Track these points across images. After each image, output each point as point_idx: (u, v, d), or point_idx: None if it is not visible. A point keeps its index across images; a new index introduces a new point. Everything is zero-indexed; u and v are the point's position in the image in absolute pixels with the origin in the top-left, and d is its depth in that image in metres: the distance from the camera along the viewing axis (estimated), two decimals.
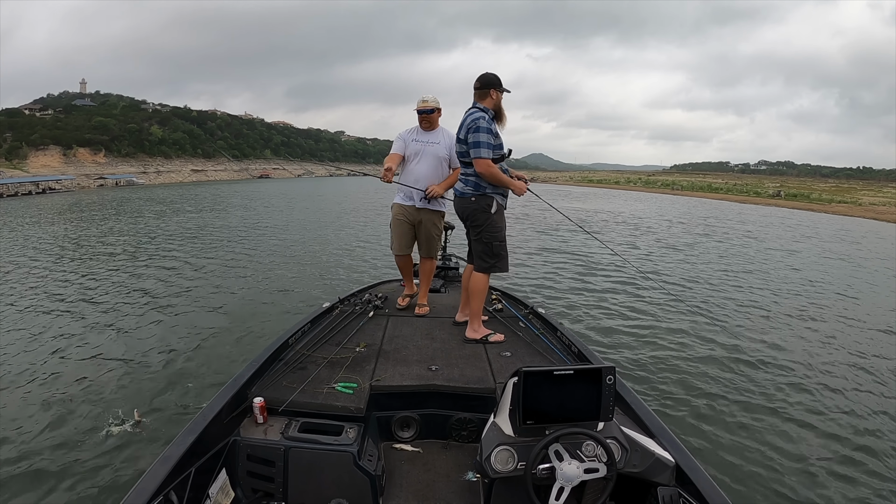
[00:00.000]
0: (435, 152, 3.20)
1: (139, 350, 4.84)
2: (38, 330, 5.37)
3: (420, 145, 3.21)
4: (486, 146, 2.67)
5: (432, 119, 3.20)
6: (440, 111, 3.22)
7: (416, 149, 3.22)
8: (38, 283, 7.73)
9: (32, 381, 4.13)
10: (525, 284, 7.79)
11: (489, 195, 2.82)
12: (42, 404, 3.71)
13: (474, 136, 2.67)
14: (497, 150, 2.73)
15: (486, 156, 2.67)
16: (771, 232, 18.35)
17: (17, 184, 41.74)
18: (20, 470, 2.93)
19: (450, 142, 3.13)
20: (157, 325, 5.67)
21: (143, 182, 62.73)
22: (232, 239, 12.93)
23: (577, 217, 20.34)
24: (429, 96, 3.18)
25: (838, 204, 40.54)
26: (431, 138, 3.22)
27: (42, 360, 4.57)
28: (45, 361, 4.55)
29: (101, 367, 4.42)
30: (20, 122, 67.87)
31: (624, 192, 52.49)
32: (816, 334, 5.89)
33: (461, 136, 2.78)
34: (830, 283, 9.10)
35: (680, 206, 30.39)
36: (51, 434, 3.32)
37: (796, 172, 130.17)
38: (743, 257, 11.76)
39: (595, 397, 1.67)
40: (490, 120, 2.72)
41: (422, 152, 3.21)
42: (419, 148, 3.21)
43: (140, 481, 1.55)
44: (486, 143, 2.67)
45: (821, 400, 4.08)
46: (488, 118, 2.71)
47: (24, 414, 3.59)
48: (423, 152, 3.20)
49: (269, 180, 76.85)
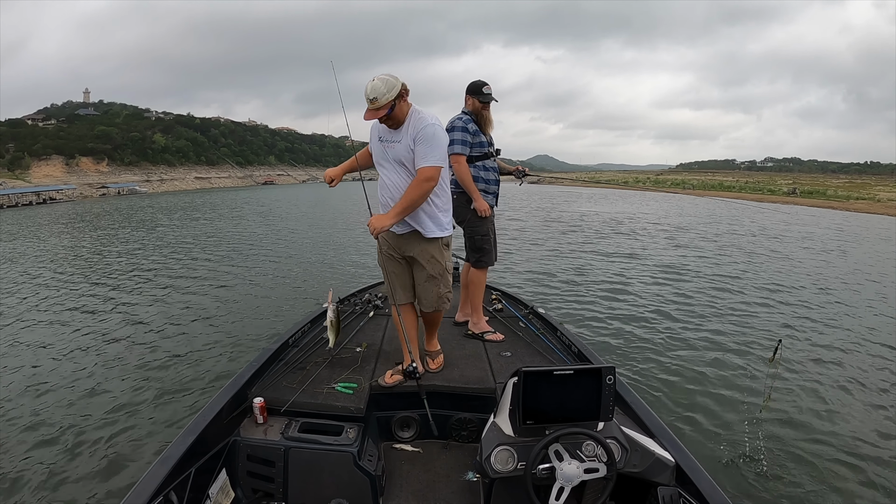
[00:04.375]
0: (396, 155, 2.24)
1: (139, 349, 4.86)
2: (35, 337, 5.37)
3: (382, 147, 2.30)
4: (458, 143, 2.88)
5: (392, 119, 2.16)
6: (397, 102, 2.10)
7: (379, 152, 2.34)
8: (32, 291, 7.74)
9: (33, 380, 4.16)
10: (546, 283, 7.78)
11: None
12: (42, 404, 3.73)
13: (450, 135, 2.85)
14: (476, 147, 2.96)
15: (458, 151, 2.89)
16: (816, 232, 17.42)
17: (17, 194, 41.42)
18: (20, 470, 2.94)
19: (413, 136, 2.15)
20: (158, 325, 5.70)
21: (147, 190, 63.11)
22: (235, 242, 12.98)
23: (605, 220, 20.23)
24: (372, 87, 2.07)
25: (856, 201, 39.13)
26: (395, 136, 2.24)
27: (42, 360, 4.61)
28: (46, 361, 4.58)
29: (102, 367, 4.44)
30: (23, 133, 68.40)
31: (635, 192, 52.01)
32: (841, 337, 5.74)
33: None
34: None
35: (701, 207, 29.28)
36: (51, 434, 3.33)
37: (803, 168, 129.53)
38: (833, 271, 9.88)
39: (595, 397, 1.66)
40: (468, 120, 2.92)
41: (385, 157, 2.30)
42: (381, 151, 2.32)
43: (140, 481, 1.55)
44: (459, 140, 2.88)
45: (822, 400, 4.05)
46: (466, 119, 2.92)
47: (25, 414, 3.60)
48: (386, 157, 2.29)
49: (274, 186, 77.14)
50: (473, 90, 2.95)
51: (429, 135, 2.13)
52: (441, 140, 2.18)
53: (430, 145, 2.13)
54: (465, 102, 2.99)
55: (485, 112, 2.98)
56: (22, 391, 4.01)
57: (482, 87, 2.94)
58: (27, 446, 3.19)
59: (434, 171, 2.15)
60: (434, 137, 2.14)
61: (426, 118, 2.17)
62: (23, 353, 4.90)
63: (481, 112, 2.97)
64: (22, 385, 4.11)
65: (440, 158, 2.17)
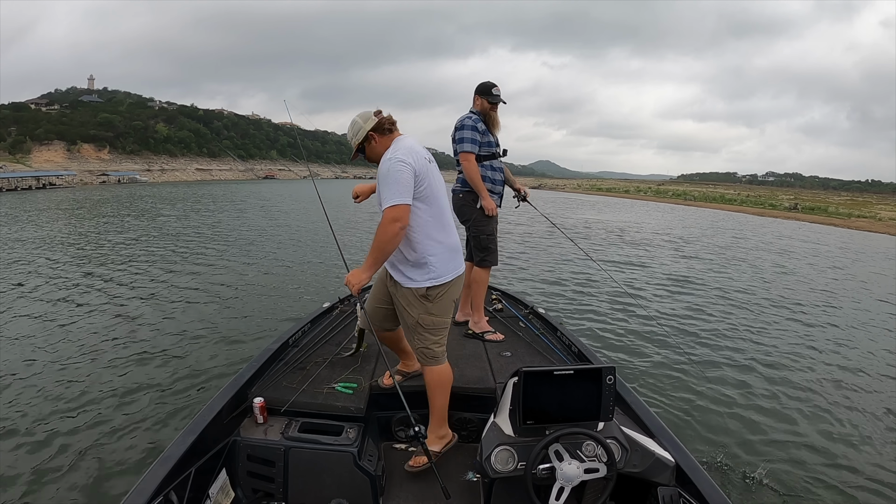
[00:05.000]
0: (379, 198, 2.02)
1: (139, 350, 4.81)
2: (30, 331, 5.30)
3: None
4: (468, 141, 2.92)
5: (370, 160, 2.06)
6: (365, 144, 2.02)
7: None
8: (27, 280, 7.66)
9: (27, 378, 4.12)
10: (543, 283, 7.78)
11: (475, 191, 2.99)
12: (41, 405, 3.68)
13: (459, 134, 2.96)
14: (484, 147, 2.98)
15: (467, 149, 2.92)
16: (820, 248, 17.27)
17: (17, 178, 40.83)
18: (19, 470, 2.91)
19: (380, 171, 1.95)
20: (157, 323, 5.66)
21: (147, 180, 62.96)
22: (233, 238, 12.98)
23: (612, 228, 20.26)
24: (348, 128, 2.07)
25: (857, 218, 38.84)
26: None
27: (38, 357, 4.56)
28: (41, 357, 4.54)
29: (101, 367, 4.40)
30: (25, 117, 68.21)
31: (637, 201, 51.69)
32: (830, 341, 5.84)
33: (453, 135, 3.03)
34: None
35: (704, 218, 29.21)
36: (50, 434, 3.29)
37: (804, 184, 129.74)
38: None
39: (595, 397, 1.66)
40: (477, 120, 2.96)
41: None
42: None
43: (140, 481, 1.55)
44: (469, 139, 2.92)
45: (824, 400, 4.08)
46: (475, 118, 2.96)
47: (22, 413, 3.56)
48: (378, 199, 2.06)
49: (275, 181, 77.09)
50: (483, 91, 2.98)
51: (383, 172, 1.91)
52: (397, 176, 1.86)
53: (385, 184, 1.89)
54: (474, 102, 3.02)
55: (493, 113, 3.02)
56: (17, 389, 3.95)
57: (491, 89, 2.97)
58: (25, 446, 3.15)
59: (395, 210, 1.85)
60: (387, 174, 1.88)
61: (388, 152, 1.95)
62: (16, 348, 4.83)
63: (489, 113, 3.00)
64: (17, 383, 4.05)
65: (400, 194, 1.86)
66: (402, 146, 1.96)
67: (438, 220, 2.02)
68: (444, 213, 2.06)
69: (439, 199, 2.03)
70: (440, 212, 2.03)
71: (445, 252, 2.05)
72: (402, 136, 2.04)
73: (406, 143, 1.99)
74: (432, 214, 2.00)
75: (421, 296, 2.04)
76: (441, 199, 2.04)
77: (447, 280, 2.05)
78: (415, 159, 1.91)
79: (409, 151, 1.93)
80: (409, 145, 1.97)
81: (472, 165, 2.92)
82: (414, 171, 1.89)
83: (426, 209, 1.97)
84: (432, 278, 2.02)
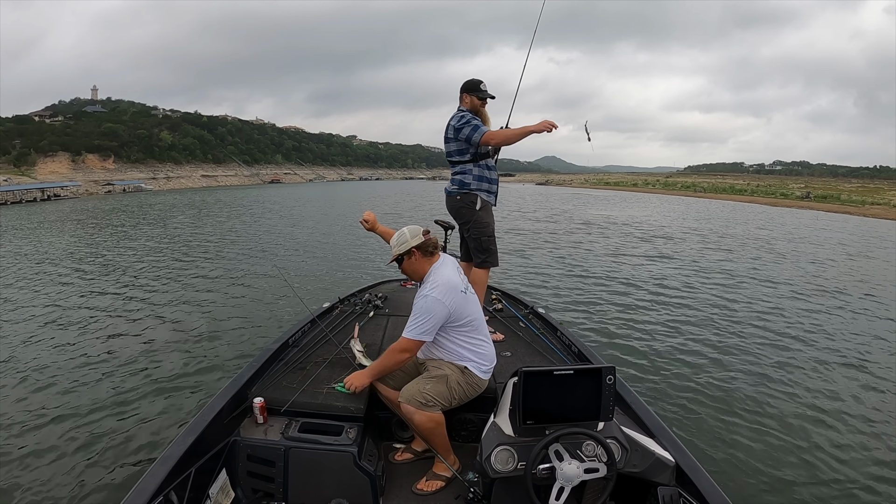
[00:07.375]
0: None
1: (139, 350, 4.87)
2: (34, 335, 5.38)
3: None
4: (480, 126, 2.85)
5: (405, 272, 2.22)
6: (405, 257, 2.15)
7: None
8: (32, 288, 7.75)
9: (30, 379, 4.18)
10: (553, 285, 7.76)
11: (473, 192, 2.96)
12: (42, 405, 3.74)
13: (466, 126, 2.85)
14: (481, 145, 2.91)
15: (485, 129, 2.85)
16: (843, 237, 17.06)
17: (22, 191, 40.95)
18: (19, 470, 2.94)
19: (417, 301, 2.08)
20: (156, 323, 5.74)
21: (152, 188, 63.24)
22: (236, 240, 13.06)
23: (625, 223, 20.14)
24: (395, 236, 2.21)
25: (871, 206, 37.73)
26: None
27: (41, 358, 4.63)
28: (45, 358, 4.61)
29: (100, 367, 4.45)
30: (29, 129, 68.59)
31: (647, 194, 50.94)
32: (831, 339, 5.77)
33: (450, 135, 2.95)
34: None
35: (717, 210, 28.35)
36: (49, 434, 3.33)
37: (812, 172, 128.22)
38: None
39: (595, 397, 1.66)
40: (472, 116, 2.90)
41: None
42: None
43: (140, 481, 1.56)
44: (477, 123, 2.85)
45: (825, 401, 4.02)
46: (470, 115, 2.90)
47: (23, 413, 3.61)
48: None
49: (281, 185, 77.21)
50: (471, 88, 2.95)
51: (418, 306, 2.04)
52: (429, 312, 1.99)
53: (416, 313, 2.03)
54: (462, 101, 2.97)
55: (482, 110, 2.98)
56: (21, 389, 4.01)
57: (479, 85, 2.93)
58: (26, 446, 3.19)
59: (409, 343, 2.02)
60: (420, 310, 2.02)
61: (427, 286, 2.07)
62: (17, 348, 4.90)
63: (479, 109, 2.96)
64: (20, 383, 4.12)
65: (422, 332, 2.01)
66: (442, 281, 2.06)
67: (474, 335, 2.15)
68: (480, 326, 2.18)
69: (476, 322, 2.15)
70: (477, 327, 2.16)
71: (482, 360, 2.17)
72: (441, 264, 2.14)
73: (445, 276, 2.09)
74: (469, 333, 2.13)
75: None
76: (479, 321, 2.17)
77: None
78: (451, 298, 2.02)
79: (447, 290, 2.03)
80: (447, 280, 2.07)
81: (500, 133, 2.87)
82: (448, 312, 2.02)
83: (466, 331, 2.12)
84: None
